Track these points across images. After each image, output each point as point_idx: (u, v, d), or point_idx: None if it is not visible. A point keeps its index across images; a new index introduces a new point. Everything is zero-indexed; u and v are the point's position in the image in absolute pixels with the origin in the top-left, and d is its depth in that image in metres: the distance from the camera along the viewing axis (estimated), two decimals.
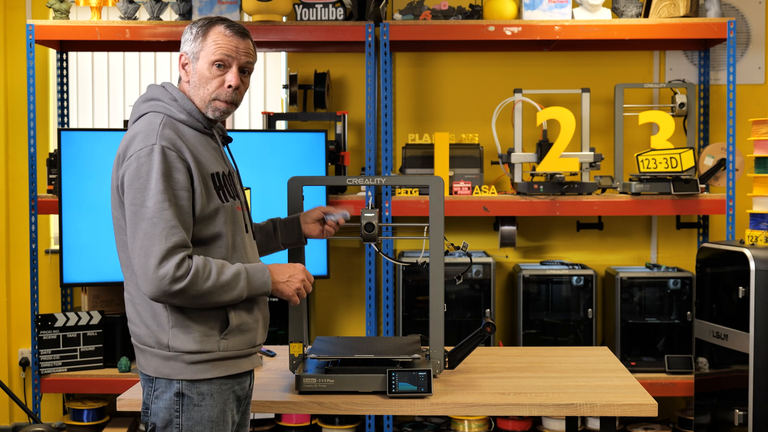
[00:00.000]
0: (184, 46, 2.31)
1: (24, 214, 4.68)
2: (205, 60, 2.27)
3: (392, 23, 4.26)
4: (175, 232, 2.12)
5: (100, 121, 4.86)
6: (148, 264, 2.11)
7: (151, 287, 2.12)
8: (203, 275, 2.14)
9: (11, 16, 4.77)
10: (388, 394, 2.51)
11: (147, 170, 2.13)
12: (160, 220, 2.11)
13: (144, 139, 2.17)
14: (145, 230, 2.12)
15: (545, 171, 4.21)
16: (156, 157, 2.14)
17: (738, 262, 3.61)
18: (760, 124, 3.81)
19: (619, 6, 4.36)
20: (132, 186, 2.14)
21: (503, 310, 4.72)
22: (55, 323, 4.22)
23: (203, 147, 2.26)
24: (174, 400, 2.21)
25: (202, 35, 2.28)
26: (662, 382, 4.21)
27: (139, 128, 2.21)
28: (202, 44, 2.27)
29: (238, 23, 2.34)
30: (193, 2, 4.35)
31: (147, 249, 2.11)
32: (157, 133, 2.17)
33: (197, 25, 2.30)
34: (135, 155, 2.15)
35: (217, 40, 2.27)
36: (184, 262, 2.12)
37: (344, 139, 4.45)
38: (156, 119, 2.22)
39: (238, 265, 2.22)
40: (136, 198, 2.13)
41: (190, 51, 2.29)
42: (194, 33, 2.29)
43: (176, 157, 2.16)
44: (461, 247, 2.79)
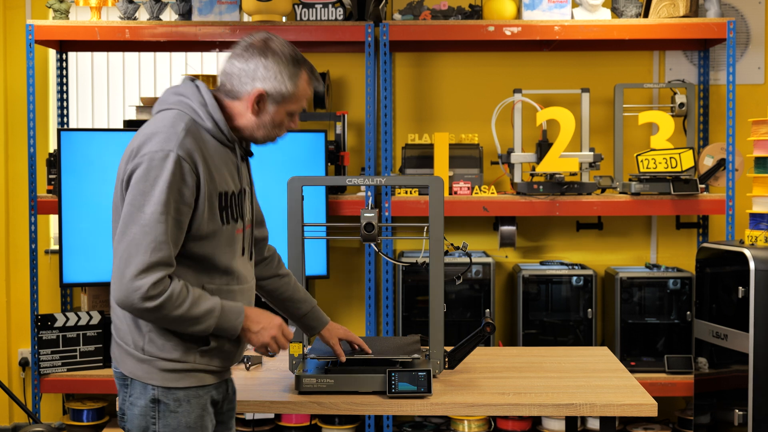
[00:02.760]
0: (264, 83, 2.18)
1: (24, 214, 4.68)
2: (287, 109, 2.21)
3: (392, 23, 4.26)
4: (163, 248, 2.05)
5: (99, 121, 4.86)
6: (126, 271, 2.04)
7: (120, 295, 2.06)
8: (176, 302, 2.07)
9: (11, 16, 4.77)
10: (388, 394, 2.50)
11: (156, 176, 2.06)
12: (152, 230, 2.05)
13: (162, 141, 2.09)
14: (135, 235, 2.05)
15: (545, 171, 4.21)
16: (169, 166, 2.06)
17: (738, 262, 3.61)
18: (760, 124, 3.81)
19: (618, 6, 4.36)
20: (136, 186, 2.08)
21: (503, 310, 4.72)
22: (54, 323, 4.22)
23: (221, 160, 2.18)
24: (150, 406, 2.17)
25: (291, 82, 2.18)
26: (662, 382, 4.21)
27: (161, 126, 2.13)
28: (291, 91, 2.19)
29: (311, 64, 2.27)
30: (193, 2, 4.35)
31: (130, 255, 2.05)
32: (177, 138, 2.09)
33: (283, 64, 2.18)
34: (149, 155, 2.08)
35: (304, 90, 2.22)
36: (162, 281, 2.05)
37: (344, 139, 4.45)
38: (180, 122, 2.13)
39: (215, 300, 2.14)
40: (136, 199, 2.07)
41: (274, 92, 2.18)
42: (282, 74, 2.18)
43: (189, 170, 2.09)
44: (461, 247, 2.79)
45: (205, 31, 4.27)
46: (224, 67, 2.22)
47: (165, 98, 2.23)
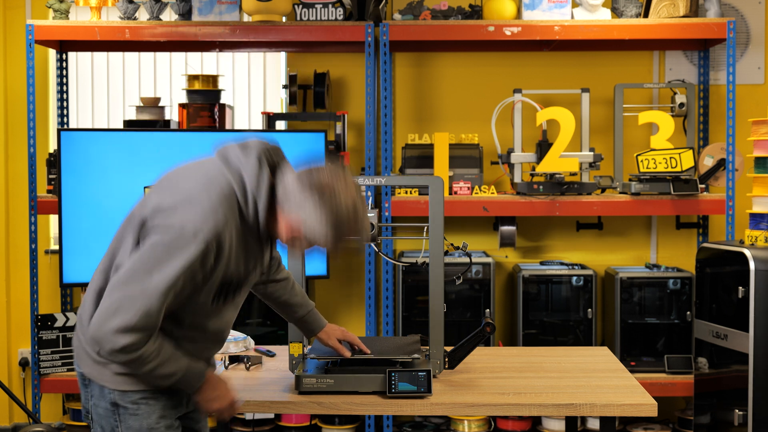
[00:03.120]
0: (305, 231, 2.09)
1: (24, 214, 4.68)
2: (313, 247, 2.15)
3: (392, 23, 4.26)
4: (153, 317, 2.02)
5: (99, 121, 4.86)
6: (110, 321, 2.01)
7: (95, 335, 2.04)
8: (143, 362, 2.07)
9: (11, 16, 4.77)
10: (388, 394, 2.50)
11: (177, 251, 2.01)
12: (150, 298, 2.02)
13: (199, 217, 2.02)
14: (133, 292, 2.02)
15: (545, 171, 4.21)
16: (193, 247, 2.01)
17: (738, 262, 3.61)
18: (760, 124, 3.81)
19: (618, 6, 4.36)
20: (155, 249, 2.03)
21: (503, 310, 4.72)
22: (54, 323, 4.22)
23: (244, 247, 2.14)
24: (111, 410, 2.18)
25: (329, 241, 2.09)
26: (662, 382, 4.21)
27: (204, 196, 2.05)
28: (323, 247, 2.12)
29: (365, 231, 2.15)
30: (193, 2, 4.35)
31: (120, 308, 2.02)
32: (214, 222, 2.03)
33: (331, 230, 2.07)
34: (179, 227, 2.02)
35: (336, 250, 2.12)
36: (139, 343, 2.03)
37: (344, 139, 4.45)
38: (224, 203, 2.06)
39: (181, 364, 2.14)
40: (149, 261, 2.02)
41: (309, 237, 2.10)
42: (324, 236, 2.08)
43: (211, 255, 2.04)
44: (461, 247, 2.79)
45: (205, 31, 4.27)
46: (289, 181, 2.11)
47: (228, 153, 2.14)
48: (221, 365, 2.88)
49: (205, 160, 2.20)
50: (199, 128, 4.39)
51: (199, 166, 2.16)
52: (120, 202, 4.15)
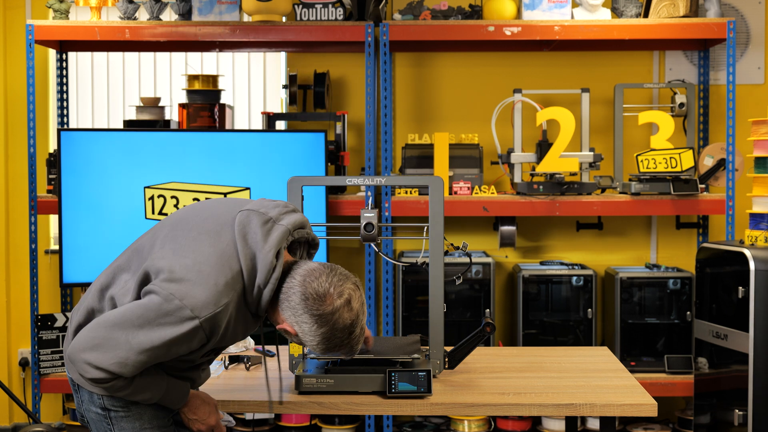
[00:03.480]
0: (301, 334, 2.11)
1: (24, 214, 4.68)
2: None
3: (392, 23, 4.26)
4: (128, 369, 2.02)
5: (99, 121, 4.86)
6: (87, 353, 2.02)
7: (70, 355, 2.05)
8: (116, 390, 2.08)
9: (11, 16, 4.77)
10: (388, 394, 2.50)
11: (167, 324, 2.00)
12: (131, 352, 2.01)
13: (201, 301, 2.01)
14: (117, 339, 2.01)
15: (545, 171, 4.21)
16: (184, 329, 2.01)
17: (738, 262, 3.61)
18: (760, 124, 3.81)
19: (618, 6, 4.36)
20: (148, 311, 2.01)
21: (503, 310, 4.72)
22: (54, 323, 4.22)
23: (237, 322, 2.12)
24: (102, 414, 2.18)
25: (319, 351, 2.13)
26: (662, 382, 4.21)
27: (212, 279, 2.02)
28: (313, 351, 2.15)
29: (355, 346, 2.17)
30: (193, 2, 4.35)
31: (100, 346, 2.01)
32: (212, 311, 2.02)
33: (326, 341, 2.10)
34: (179, 302, 2.00)
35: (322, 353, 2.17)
36: (108, 380, 2.04)
37: (344, 139, 4.45)
38: (228, 294, 2.04)
39: (162, 388, 2.14)
40: (139, 318, 2.01)
41: (302, 340, 2.12)
42: (318, 344, 2.11)
43: (201, 337, 2.04)
44: (461, 247, 2.79)
45: (205, 31, 4.27)
46: (298, 281, 2.10)
47: (248, 231, 2.10)
48: (221, 365, 2.88)
49: (225, 218, 2.13)
50: (199, 128, 4.39)
51: (217, 235, 2.10)
52: (120, 202, 4.15)
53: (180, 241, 2.11)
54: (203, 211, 2.20)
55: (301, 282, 2.08)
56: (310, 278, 2.08)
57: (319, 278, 2.08)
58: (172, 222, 2.19)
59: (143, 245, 2.17)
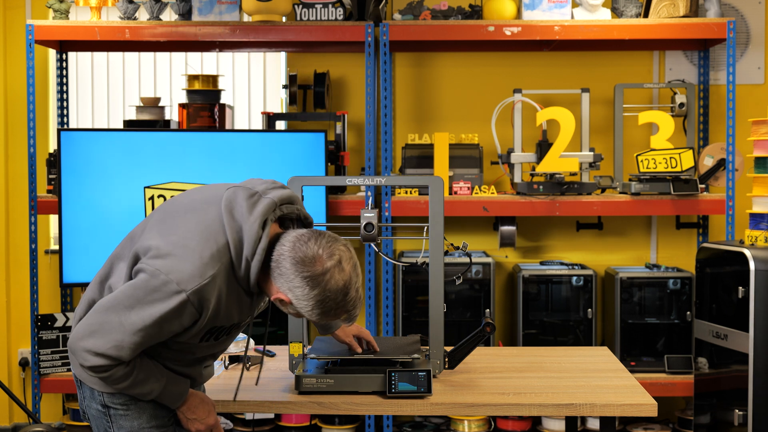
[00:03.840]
0: (294, 300, 2.08)
1: (24, 214, 4.68)
2: None
3: (392, 23, 4.26)
4: (125, 351, 2.03)
5: (99, 121, 4.86)
6: (85, 340, 2.04)
7: (70, 345, 2.07)
8: (115, 380, 2.09)
9: (11, 16, 4.77)
10: (388, 394, 2.50)
11: (156, 300, 2.01)
12: (125, 333, 2.02)
13: (186, 274, 2.01)
14: (111, 323, 2.03)
15: (545, 171, 4.21)
16: (173, 303, 2.01)
17: (738, 262, 3.61)
18: (760, 124, 3.81)
19: (618, 6, 4.36)
20: (136, 290, 2.03)
21: (503, 310, 4.72)
22: (54, 323, 4.22)
23: (231, 300, 2.12)
24: (102, 411, 2.19)
25: (315, 316, 2.10)
26: (662, 382, 4.21)
27: (195, 252, 2.02)
28: (310, 318, 2.13)
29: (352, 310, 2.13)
30: (193, 2, 4.35)
31: (95, 332, 2.03)
32: (198, 283, 2.01)
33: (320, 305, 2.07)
34: (165, 277, 2.01)
35: (323, 321, 2.14)
36: (107, 367, 2.05)
37: (344, 139, 4.45)
38: (214, 265, 2.03)
39: (161, 384, 2.15)
40: (129, 299, 2.03)
41: (297, 308, 2.10)
42: (313, 309, 2.08)
43: (191, 312, 2.04)
44: (461, 247, 2.79)
45: (205, 31, 4.27)
46: (288, 247, 2.07)
47: (234, 205, 2.09)
48: (221, 365, 2.88)
49: (212, 197, 2.14)
50: (199, 128, 4.39)
51: (203, 212, 2.11)
52: (120, 202, 4.15)
53: (168, 221, 2.13)
54: (192, 193, 2.22)
55: (290, 248, 2.06)
56: (299, 243, 2.07)
57: (308, 242, 2.07)
58: (163, 206, 2.22)
59: (136, 232, 2.19)
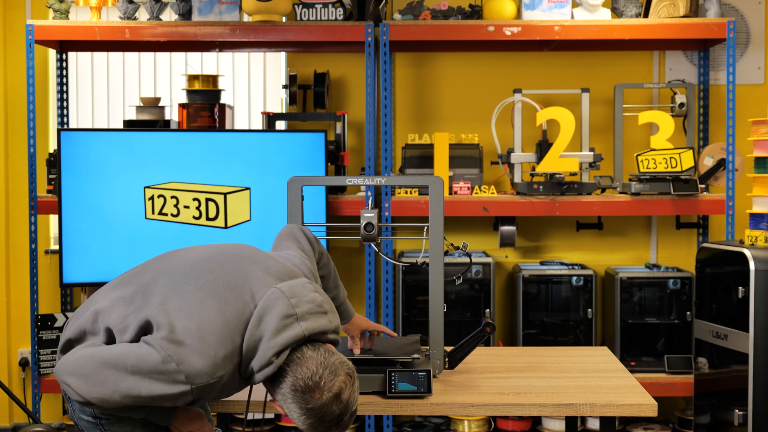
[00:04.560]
0: (285, 410, 2.08)
1: (24, 214, 4.68)
2: None
3: (392, 23, 4.26)
4: (111, 403, 2.02)
5: (99, 121, 4.86)
6: (73, 378, 2.02)
7: (57, 370, 2.08)
8: (100, 408, 2.08)
9: (11, 16, 4.77)
10: (388, 394, 2.50)
11: (161, 380, 2.01)
12: (116, 392, 2.00)
13: (196, 369, 2.01)
14: (107, 378, 2.01)
15: (545, 171, 4.21)
16: (173, 390, 2.00)
17: (738, 262, 3.61)
18: (760, 124, 3.81)
19: (618, 6, 4.36)
20: (146, 360, 2.01)
21: (503, 310, 4.72)
22: (54, 323, 4.22)
23: (228, 387, 2.11)
24: (93, 421, 2.18)
25: None
26: (662, 382, 4.21)
27: (211, 350, 2.02)
28: None
29: None
30: (193, 2, 4.35)
31: (87, 376, 2.02)
32: (207, 380, 2.02)
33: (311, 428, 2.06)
34: (176, 365, 2.00)
35: None
36: (90, 405, 2.05)
37: (344, 139, 4.45)
38: (227, 365, 2.04)
39: (144, 410, 2.13)
40: (135, 365, 2.01)
41: (290, 417, 2.08)
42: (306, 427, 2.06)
43: (188, 399, 2.04)
44: (461, 247, 2.79)
45: (205, 31, 4.27)
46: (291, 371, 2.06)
47: (267, 314, 2.07)
48: None
49: (236, 283, 2.11)
50: (199, 128, 4.39)
51: (225, 302, 2.08)
52: (120, 202, 4.15)
53: (185, 296, 2.09)
54: (214, 262, 2.17)
55: (292, 372, 2.05)
56: (303, 369, 2.05)
57: (311, 372, 2.05)
58: (182, 267, 2.16)
59: (148, 285, 2.14)
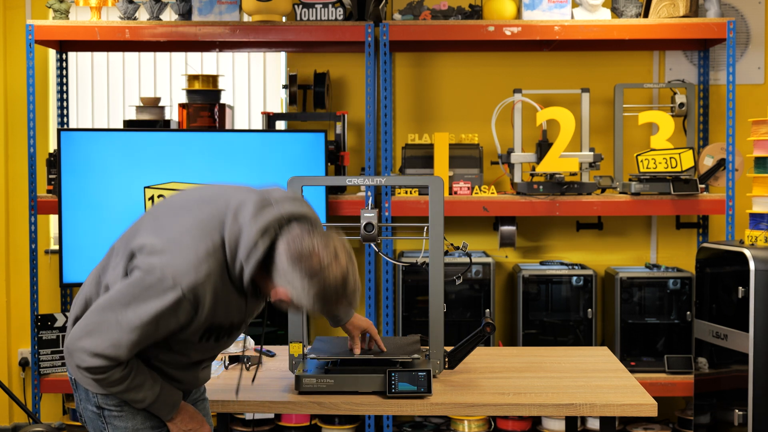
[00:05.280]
0: (293, 296, 2.06)
1: (24, 214, 4.68)
2: None
3: (392, 23, 4.26)
4: (123, 350, 2.02)
5: (99, 121, 4.86)
6: (83, 340, 2.04)
7: (67, 346, 2.07)
8: (112, 383, 2.08)
9: (11, 16, 4.77)
10: (388, 394, 2.50)
11: (152, 297, 2.01)
12: (123, 331, 2.02)
13: (181, 268, 2.02)
14: (108, 321, 2.03)
15: (545, 171, 4.21)
16: (169, 298, 2.01)
17: (738, 262, 3.61)
18: (760, 124, 3.81)
19: (618, 6, 4.36)
20: (132, 287, 2.03)
21: (503, 310, 4.72)
22: (54, 323, 4.22)
23: (227, 300, 2.11)
24: (96, 413, 2.19)
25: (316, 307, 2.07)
26: (662, 382, 4.21)
27: (191, 248, 2.03)
28: (309, 310, 2.09)
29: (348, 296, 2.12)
30: (193, 2, 4.35)
31: (93, 331, 2.03)
32: (194, 278, 2.02)
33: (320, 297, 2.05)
34: (159, 274, 2.01)
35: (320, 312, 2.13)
36: (105, 368, 2.05)
37: (344, 139, 4.45)
38: (208, 261, 2.04)
39: (155, 391, 2.14)
40: (126, 296, 2.03)
41: (296, 303, 2.07)
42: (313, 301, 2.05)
43: (189, 309, 2.03)
44: (461, 247, 2.79)
45: (205, 31, 4.27)
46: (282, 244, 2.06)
47: (242, 209, 2.09)
48: (221, 365, 2.88)
49: (208, 196, 2.15)
50: (199, 128, 4.39)
51: (199, 210, 2.11)
52: (120, 202, 4.15)
53: (162, 219, 2.14)
54: (187, 193, 2.24)
55: (286, 247, 2.05)
56: (295, 241, 2.06)
57: (303, 238, 2.06)
58: (158, 205, 2.24)
59: (131, 230, 2.19)
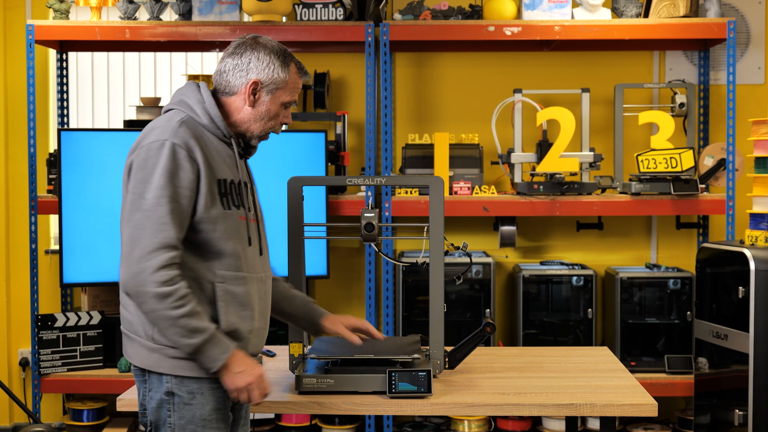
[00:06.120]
0: (258, 74, 2.28)
1: (24, 214, 4.68)
2: (280, 98, 2.31)
3: (392, 23, 4.26)
4: (166, 228, 2.12)
5: (99, 121, 4.87)
6: (132, 254, 2.12)
7: (127, 276, 2.12)
8: (178, 301, 2.10)
9: (11, 16, 4.77)
10: (388, 394, 2.51)
11: (153, 163, 2.15)
12: (153, 214, 2.12)
13: (159, 133, 2.19)
14: (138, 220, 2.13)
15: (545, 171, 4.21)
16: (165, 153, 2.15)
17: (738, 262, 3.61)
18: (760, 124, 3.81)
19: (618, 6, 4.36)
20: (136, 175, 2.17)
21: (503, 310, 4.72)
22: (55, 323, 4.22)
23: (217, 152, 2.27)
24: (165, 399, 2.19)
25: (282, 71, 2.30)
26: (662, 382, 4.22)
27: (158, 123, 2.25)
28: (283, 79, 2.30)
29: None
30: (193, 2, 4.35)
31: (135, 239, 2.12)
32: (172, 129, 2.19)
33: (274, 56, 2.30)
34: (146, 146, 2.18)
35: (295, 79, 2.33)
36: (169, 267, 2.10)
37: (344, 139, 4.45)
38: (176, 117, 2.24)
39: (212, 326, 2.16)
40: (136, 188, 2.16)
41: (268, 81, 2.29)
42: (274, 64, 2.29)
43: (185, 156, 2.17)
44: (461, 247, 2.79)
45: (205, 31, 4.27)
46: (218, 67, 2.33)
47: (170, 101, 2.34)
48: None
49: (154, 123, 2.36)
50: None
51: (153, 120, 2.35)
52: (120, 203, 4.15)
53: None
54: None
55: (219, 61, 2.32)
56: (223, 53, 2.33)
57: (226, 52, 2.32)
58: None
59: None
